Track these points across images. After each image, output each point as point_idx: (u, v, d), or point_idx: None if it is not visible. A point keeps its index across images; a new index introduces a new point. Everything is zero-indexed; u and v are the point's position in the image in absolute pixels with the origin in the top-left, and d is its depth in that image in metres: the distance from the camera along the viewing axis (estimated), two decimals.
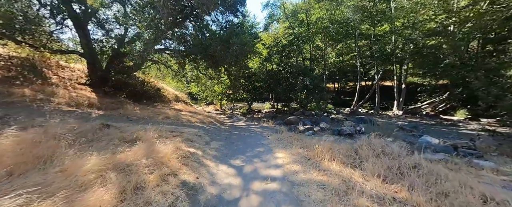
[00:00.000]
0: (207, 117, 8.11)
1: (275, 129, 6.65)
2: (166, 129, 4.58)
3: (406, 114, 10.90)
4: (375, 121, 8.75)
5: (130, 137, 3.41)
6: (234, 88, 13.22)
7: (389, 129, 5.93)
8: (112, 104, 7.10)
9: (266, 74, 11.96)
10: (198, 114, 8.73)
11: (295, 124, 9.24)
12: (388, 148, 2.72)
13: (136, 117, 5.78)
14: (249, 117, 12.54)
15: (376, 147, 2.81)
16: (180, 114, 7.62)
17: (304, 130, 7.13)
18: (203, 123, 6.83)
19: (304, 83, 9.55)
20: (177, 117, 6.74)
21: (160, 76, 17.41)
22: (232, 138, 5.03)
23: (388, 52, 9.53)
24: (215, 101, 18.92)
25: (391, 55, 9.84)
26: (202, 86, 17.19)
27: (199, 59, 10.68)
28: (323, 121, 9.42)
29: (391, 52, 9.66)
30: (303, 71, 10.05)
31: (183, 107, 10.39)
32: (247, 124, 8.27)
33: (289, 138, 4.01)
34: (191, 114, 8.16)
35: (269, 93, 19.00)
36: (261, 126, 7.30)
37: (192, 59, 10.10)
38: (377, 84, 12.38)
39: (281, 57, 12.22)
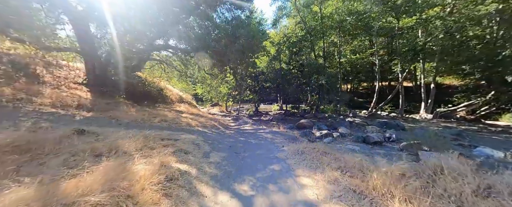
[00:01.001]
0: (210, 120, 7.28)
1: (288, 135, 5.67)
2: (157, 135, 3.75)
3: (437, 118, 9.51)
4: (403, 125, 7.54)
5: (103, 149, 2.59)
6: (240, 89, 12.38)
7: (427, 137, 4.77)
8: (107, 105, 6.44)
9: (275, 73, 11.01)
10: (201, 116, 7.93)
11: (308, 128, 8.20)
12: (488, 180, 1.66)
13: (128, 120, 5.03)
14: (256, 119, 11.61)
15: (462, 172, 1.76)
16: (180, 116, 6.84)
17: (321, 136, 6.09)
18: (205, 126, 5.98)
19: (319, 83, 8.50)
20: (176, 119, 5.95)
21: (165, 77, 16.97)
22: (237, 146, 4.12)
23: (420, 46, 8.18)
24: (220, 103, 18.20)
25: (421, 50, 8.54)
26: (207, 87, 16.54)
27: (203, 55, 9.90)
28: (340, 125, 8.30)
29: (423, 47, 8.33)
30: (318, 70, 9.03)
31: (185, 109, 9.65)
32: (255, 128, 7.35)
33: (313, 151, 3.02)
34: (193, 116, 7.36)
35: (277, 94, 18.02)
36: (271, 130, 6.34)
37: (194, 55, 9.39)
38: (401, 84, 11.03)
39: (291, 55, 11.24)
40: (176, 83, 18.65)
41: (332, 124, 8.97)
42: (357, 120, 10.52)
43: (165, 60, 14.27)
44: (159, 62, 14.08)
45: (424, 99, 10.94)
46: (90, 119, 4.52)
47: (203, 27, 9.26)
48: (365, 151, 4.92)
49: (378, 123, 8.82)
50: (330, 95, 8.47)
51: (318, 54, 10.89)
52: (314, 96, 11.76)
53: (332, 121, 9.34)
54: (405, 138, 5.79)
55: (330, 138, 5.76)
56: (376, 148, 5.20)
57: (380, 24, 9.42)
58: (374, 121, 10.32)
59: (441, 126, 8.06)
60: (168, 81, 20.26)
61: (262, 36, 11.01)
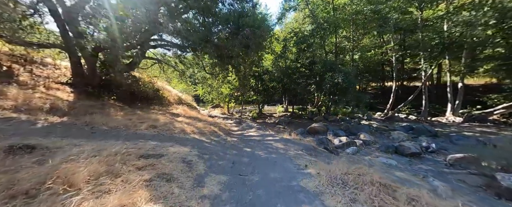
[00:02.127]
0: (209, 124, 6.31)
1: (303, 144, 4.64)
2: (135, 150, 2.79)
3: (469, 121, 8.37)
4: (434, 130, 6.46)
5: (33, 180, 1.62)
6: (243, 89, 11.42)
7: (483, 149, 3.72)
8: (89, 108, 5.53)
9: (281, 72, 10.01)
10: (199, 120, 6.97)
11: (322, 133, 7.17)
12: None
13: (107, 127, 4.09)
14: (261, 123, 10.61)
15: None
16: (174, 120, 5.88)
17: (342, 145, 5.06)
18: (203, 133, 5.01)
19: (335, 81, 7.45)
20: (169, 125, 4.99)
21: (163, 77, 16.12)
22: (242, 163, 3.13)
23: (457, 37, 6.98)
24: (222, 104, 17.27)
25: (453, 43, 7.42)
26: (207, 88, 15.64)
27: (201, 51, 8.97)
28: (359, 130, 7.23)
29: (458, 39, 7.17)
30: (332, 67, 8.00)
31: (183, 111, 8.71)
32: (261, 133, 6.35)
33: (360, 180, 1.96)
34: (190, 120, 6.41)
35: (282, 95, 17.00)
36: (281, 138, 5.32)
37: (192, 50, 8.48)
38: (425, 83, 9.89)
39: (299, 51, 10.25)
40: (177, 84, 17.83)
41: (348, 129, 7.91)
42: (374, 123, 9.43)
43: (164, 59, 13.43)
44: (157, 61, 13.22)
45: (451, 101, 9.79)
46: (57, 126, 3.58)
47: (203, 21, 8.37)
48: (403, 166, 3.87)
49: (401, 128, 7.74)
50: (348, 95, 7.46)
51: (329, 51, 9.85)
52: (323, 97, 10.71)
53: (346, 125, 8.30)
54: (448, 148, 4.73)
55: (354, 147, 4.73)
56: (416, 161, 4.16)
57: (399, 16, 8.37)
58: (394, 124, 9.21)
59: (477, 131, 6.95)
60: (168, 82, 19.49)
61: (267, 28, 10.07)
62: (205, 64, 13.30)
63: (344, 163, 2.65)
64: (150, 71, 14.50)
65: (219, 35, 7.93)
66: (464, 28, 6.66)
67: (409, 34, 10.13)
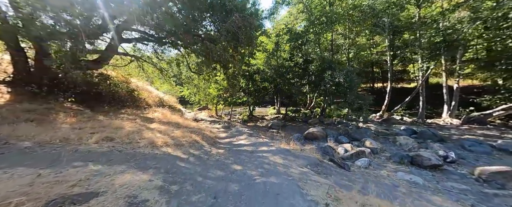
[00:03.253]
0: (191, 132, 5.19)
1: (306, 157, 3.74)
2: (53, 182, 1.67)
3: (467, 123, 8.17)
4: (439, 134, 5.99)
5: None
6: (233, 90, 10.40)
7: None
8: (26, 113, 4.18)
9: (274, 70, 9.16)
10: (179, 126, 5.81)
11: (321, 139, 6.38)
12: None
13: (34, 142, 2.84)
14: (252, 126, 9.65)
15: None
16: (145, 127, 4.69)
17: (349, 156, 4.26)
18: (179, 145, 3.90)
19: (335, 81, 6.73)
20: (134, 135, 3.81)
21: (143, 77, 14.48)
22: (228, 196, 2.13)
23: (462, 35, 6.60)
24: (210, 106, 16.02)
25: (455, 41, 7.11)
26: (193, 88, 14.33)
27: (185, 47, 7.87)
28: (361, 134, 6.56)
29: (464, 36, 6.83)
30: (331, 65, 7.30)
31: (162, 115, 7.45)
32: (253, 141, 5.37)
33: None
34: (167, 127, 5.24)
35: (274, 96, 16.21)
36: (279, 148, 4.39)
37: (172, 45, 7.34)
38: (422, 84, 9.62)
39: (292, 49, 9.49)
40: (161, 85, 16.25)
41: (347, 133, 7.24)
42: (372, 126, 8.92)
43: (142, 57, 11.94)
44: (134, 58, 11.68)
45: (447, 102, 9.66)
46: None
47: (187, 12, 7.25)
48: (431, 184, 3.13)
49: (402, 131, 7.24)
50: (350, 96, 6.82)
51: (325, 48, 9.21)
52: (318, 98, 10.05)
53: (345, 129, 7.65)
54: (465, 157, 4.15)
55: (364, 159, 3.94)
56: (441, 176, 3.46)
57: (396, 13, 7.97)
58: (392, 127, 8.77)
59: (479, 133, 6.66)
60: (150, 83, 17.76)
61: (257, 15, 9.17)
62: (190, 62, 12.08)
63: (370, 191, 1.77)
64: (127, 70, 12.85)
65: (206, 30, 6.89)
66: (468, 25, 6.41)
67: (403, 33, 9.88)
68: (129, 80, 11.74)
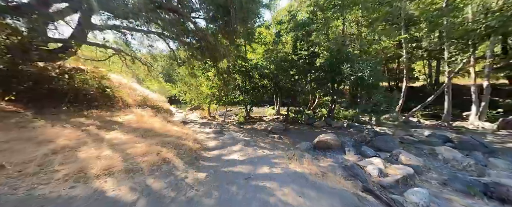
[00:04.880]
0: (164, 144, 3.74)
1: (335, 190, 2.36)
2: None
3: (505, 128, 6.98)
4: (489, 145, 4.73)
5: None
6: (226, 88, 9.00)
7: None
8: None
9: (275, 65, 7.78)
10: (152, 134, 4.36)
11: (335, 149, 5.03)
12: None
13: None
14: (249, 130, 8.24)
15: None
16: (92, 140, 3.22)
17: (394, 183, 2.89)
18: (132, 171, 2.46)
19: (358, 75, 5.34)
20: (58, 157, 2.37)
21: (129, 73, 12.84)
22: None
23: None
24: (202, 106, 14.53)
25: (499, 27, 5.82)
26: (183, 86, 12.81)
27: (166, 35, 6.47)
28: (386, 143, 5.23)
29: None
30: (348, 57, 5.94)
31: (137, 117, 5.98)
32: (251, 157, 3.96)
33: None
34: (131, 137, 3.78)
35: (274, 95, 14.82)
36: (288, 171, 2.99)
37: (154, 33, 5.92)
38: (449, 82, 8.32)
39: (296, 41, 8.13)
40: (152, 84, 14.67)
41: (364, 140, 5.92)
42: (387, 130, 7.63)
43: (125, 50, 10.35)
44: (116, 51, 10.07)
45: (475, 103, 8.46)
46: None
47: None
48: None
49: (430, 137, 5.98)
50: (376, 94, 5.54)
51: (334, 39, 7.85)
52: (324, 97, 8.74)
53: (360, 134, 6.34)
54: None
55: (421, 191, 2.57)
56: None
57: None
58: (411, 131, 7.51)
59: None
60: (141, 81, 16.16)
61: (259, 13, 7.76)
62: (178, 56, 10.54)
63: None
64: (109, 65, 11.21)
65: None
66: None
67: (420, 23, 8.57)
68: (105, 76, 10.08)
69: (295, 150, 5.02)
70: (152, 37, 9.69)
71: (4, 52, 5.09)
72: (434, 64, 15.19)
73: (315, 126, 8.73)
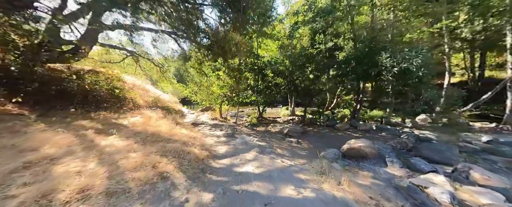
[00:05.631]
0: (165, 152, 3.17)
1: None
2: None
3: None
4: None
5: None
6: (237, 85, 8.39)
7: None
8: None
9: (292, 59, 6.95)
10: (155, 139, 3.84)
11: (372, 159, 4.07)
12: None
13: None
14: (263, 132, 7.51)
15: None
16: (82, 148, 2.74)
17: None
18: (117, 192, 1.87)
19: (402, 67, 4.27)
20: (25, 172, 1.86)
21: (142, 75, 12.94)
22: None
23: None
24: (213, 106, 14.16)
25: None
26: (194, 87, 12.53)
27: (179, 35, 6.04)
28: (442, 153, 4.14)
29: None
30: (385, 46, 4.85)
31: (143, 119, 5.60)
32: (269, 170, 3.22)
33: None
34: (129, 143, 3.28)
35: (288, 95, 13.91)
36: (321, 195, 2.20)
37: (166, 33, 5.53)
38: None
39: (314, 33, 7.23)
40: (166, 85, 14.75)
41: (406, 146, 4.84)
42: (428, 133, 6.36)
43: (138, 51, 10.32)
44: (129, 53, 10.03)
45: None
46: None
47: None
48: None
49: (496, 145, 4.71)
50: (427, 92, 4.49)
51: (359, 28, 6.71)
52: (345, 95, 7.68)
53: (398, 139, 5.24)
54: None
55: None
56: None
57: None
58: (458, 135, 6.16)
59: None
60: (156, 82, 16.36)
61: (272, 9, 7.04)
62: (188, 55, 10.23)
63: None
64: (124, 67, 11.31)
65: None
66: None
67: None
68: (119, 77, 10.06)
69: (320, 159, 4.17)
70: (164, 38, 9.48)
71: (17, 54, 5.01)
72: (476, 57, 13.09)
73: (337, 129, 7.70)
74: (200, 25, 7.54)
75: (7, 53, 5.05)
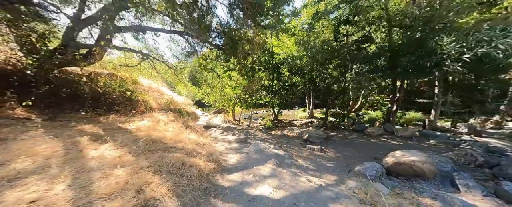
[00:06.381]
0: (168, 162, 2.58)
1: None
2: None
3: None
4: None
5: None
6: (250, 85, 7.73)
7: None
8: None
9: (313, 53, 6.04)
10: (158, 147, 3.31)
11: (432, 179, 2.97)
12: None
13: None
14: (280, 137, 6.66)
15: None
16: (65, 160, 2.27)
17: None
18: None
19: (478, 53, 3.06)
20: None
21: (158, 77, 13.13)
22: None
23: None
24: (226, 108, 13.73)
25: None
26: (207, 88, 12.22)
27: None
28: None
29: None
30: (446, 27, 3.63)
31: (153, 123, 5.22)
32: (292, 191, 2.42)
33: None
34: (124, 152, 2.76)
35: (306, 95, 12.88)
36: None
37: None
38: None
39: (338, 25, 6.23)
40: (182, 88, 14.87)
41: (474, 160, 3.63)
42: (496, 142, 4.89)
43: (152, 54, 10.33)
44: (142, 55, 10.03)
45: None
46: None
47: None
48: None
49: None
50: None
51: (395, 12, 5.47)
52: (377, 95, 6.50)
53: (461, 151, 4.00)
54: None
55: None
56: None
57: None
58: None
59: None
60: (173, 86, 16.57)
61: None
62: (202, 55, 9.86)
63: None
64: (141, 70, 11.45)
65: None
66: None
67: None
68: (135, 80, 10.12)
69: (357, 177, 3.23)
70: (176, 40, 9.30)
71: (36, 58, 5.01)
72: None
73: (368, 134, 6.53)
74: (212, 23, 7.08)
75: (26, 57, 5.07)
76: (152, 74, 11.50)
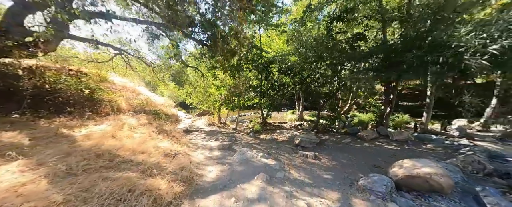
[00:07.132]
0: (105, 189, 1.70)
1: None
2: None
3: None
4: None
5: None
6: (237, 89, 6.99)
7: None
8: None
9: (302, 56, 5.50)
10: (102, 165, 2.36)
11: (448, 193, 2.49)
12: None
13: None
14: (269, 142, 5.94)
15: None
16: None
17: None
18: None
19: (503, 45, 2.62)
20: None
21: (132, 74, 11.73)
22: None
23: None
24: (212, 110, 12.74)
25: None
26: (189, 88, 11.18)
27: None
28: None
29: None
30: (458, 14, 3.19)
31: (113, 128, 4.17)
32: None
33: None
34: (37, 175, 1.81)
35: (294, 97, 12.42)
36: None
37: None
38: None
39: (331, 21, 5.81)
40: (165, 87, 13.49)
41: (483, 168, 3.27)
42: (490, 146, 4.74)
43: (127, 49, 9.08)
44: (117, 51, 8.69)
45: None
46: None
47: None
48: None
49: None
50: None
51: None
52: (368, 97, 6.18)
53: (467, 157, 3.67)
54: None
55: None
56: None
57: None
58: None
59: None
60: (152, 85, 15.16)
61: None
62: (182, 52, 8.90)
63: None
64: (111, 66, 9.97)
65: None
66: None
67: None
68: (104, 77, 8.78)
69: (363, 194, 2.64)
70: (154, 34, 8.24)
71: None
72: None
73: (362, 138, 6.12)
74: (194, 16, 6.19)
75: None
76: (127, 72, 10.16)
